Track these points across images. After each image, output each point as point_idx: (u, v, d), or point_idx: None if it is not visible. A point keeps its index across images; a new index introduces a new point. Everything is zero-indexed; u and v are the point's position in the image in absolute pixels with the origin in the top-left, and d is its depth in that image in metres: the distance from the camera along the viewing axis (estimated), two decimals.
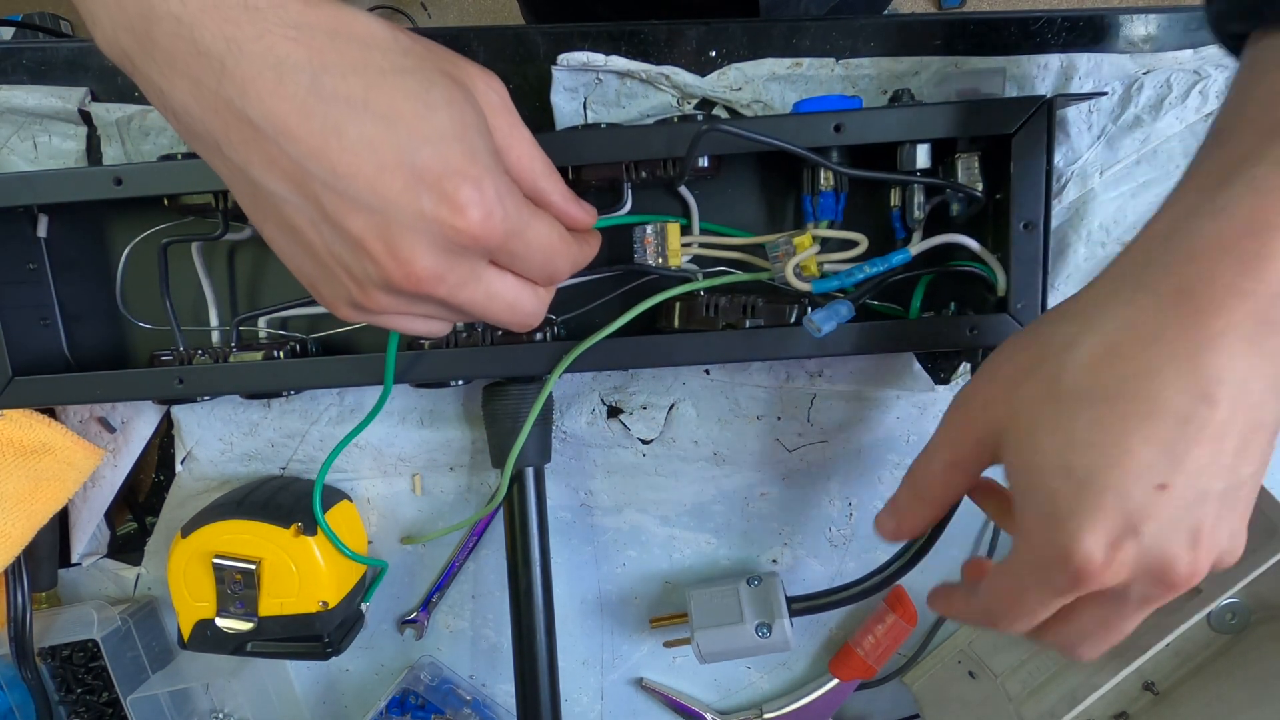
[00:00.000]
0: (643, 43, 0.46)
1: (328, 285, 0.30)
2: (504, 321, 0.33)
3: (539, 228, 0.31)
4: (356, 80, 0.26)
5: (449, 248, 0.28)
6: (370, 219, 0.27)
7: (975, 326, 0.41)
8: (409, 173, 0.26)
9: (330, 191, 0.27)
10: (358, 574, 0.52)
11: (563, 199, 0.35)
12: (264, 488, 0.50)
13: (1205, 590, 0.42)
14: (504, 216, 0.29)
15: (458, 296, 0.30)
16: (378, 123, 0.26)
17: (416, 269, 0.28)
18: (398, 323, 0.33)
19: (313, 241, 0.29)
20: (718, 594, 0.51)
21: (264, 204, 0.28)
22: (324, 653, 0.49)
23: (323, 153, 0.26)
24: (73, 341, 0.49)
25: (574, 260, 0.34)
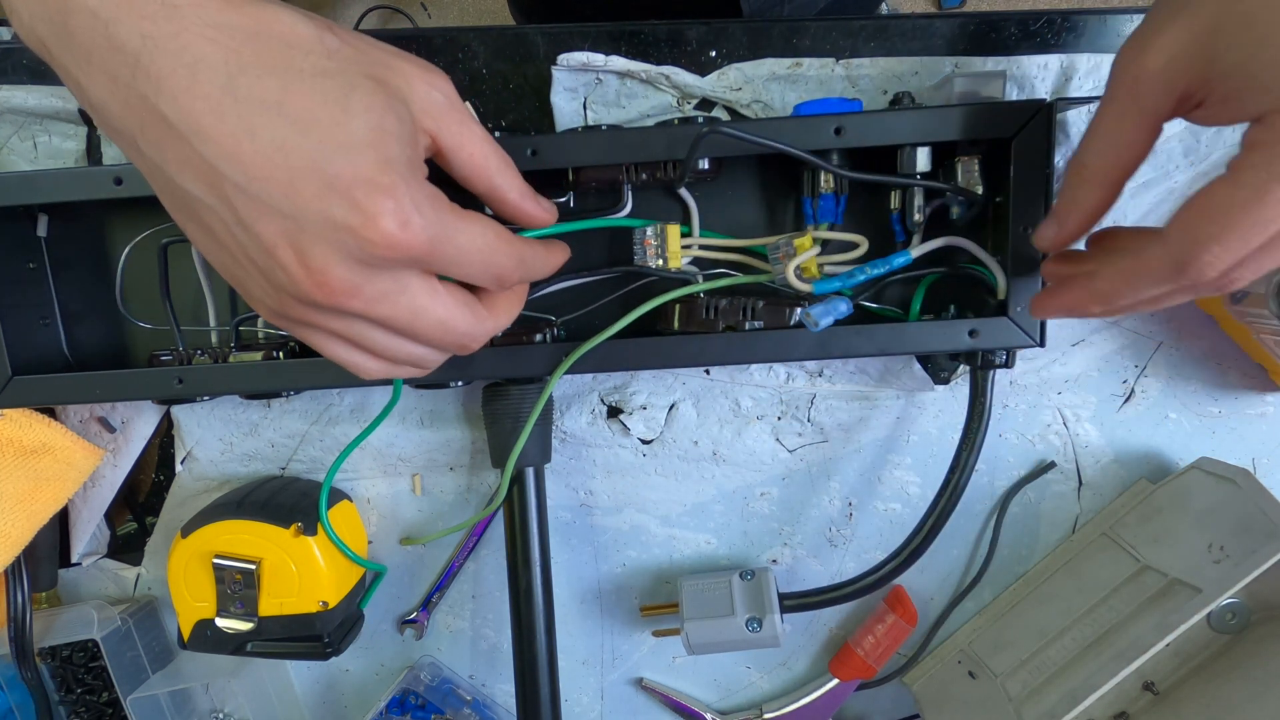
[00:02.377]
0: (643, 43, 0.46)
1: (248, 289, 0.30)
2: (437, 342, 0.32)
3: (469, 231, 0.30)
4: (273, 82, 0.26)
5: (363, 259, 0.27)
6: (282, 225, 0.26)
7: (975, 329, 0.41)
8: (321, 180, 0.26)
9: (242, 195, 0.26)
10: (358, 574, 0.52)
11: (519, 196, 0.34)
12: (264, 488, 0.50)
13: (1205, 590, 0.42)
14: (423, 225, 0.28)
15: (376, 311, 0.29)
16: (292, 127, 0.26)
17: (329, 279, 0.27)
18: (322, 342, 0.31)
19: (229, 245, 0.28)
20: (710, 586, 0.51)
21: (181, 203, 0.28)
22: (324, 653, 0.49)
23: (235, 155, 0.25)
24: (72, 341, 0.49)
25: (522, 260, 0.33)
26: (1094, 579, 0.49)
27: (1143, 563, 0.47)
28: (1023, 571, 0.53)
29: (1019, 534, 0.53)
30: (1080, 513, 0.52)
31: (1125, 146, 0.31)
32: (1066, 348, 0.50)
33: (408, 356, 0.33)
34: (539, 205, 0.35)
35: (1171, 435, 0.51)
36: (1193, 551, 0.45)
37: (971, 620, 0.54)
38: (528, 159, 0.40)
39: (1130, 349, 0.50)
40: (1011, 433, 0.51)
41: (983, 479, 0.52)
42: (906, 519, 0.53)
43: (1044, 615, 0.50)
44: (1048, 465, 0.52)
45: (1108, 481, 0.52)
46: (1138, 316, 0.49)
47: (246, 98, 0.25)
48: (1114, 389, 0.50)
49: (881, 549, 0.53)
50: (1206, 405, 0.51)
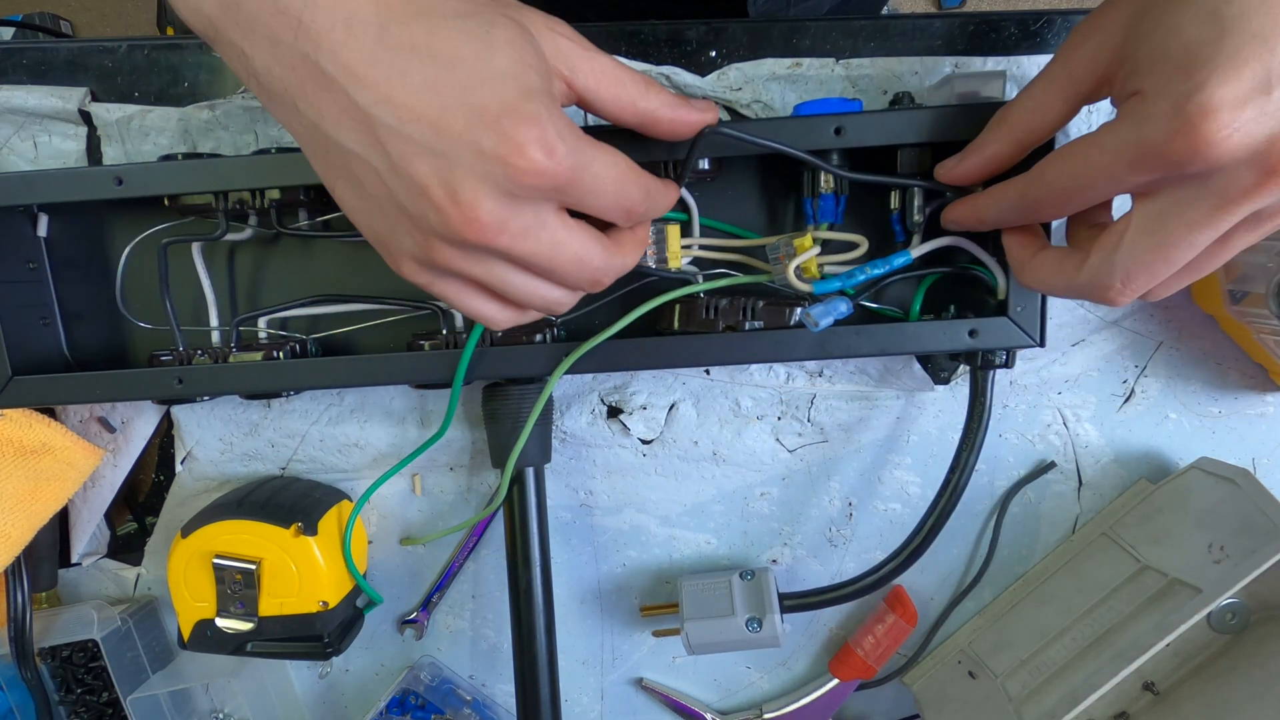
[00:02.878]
0: (643, 43, 0.46)
1: (394, 239, 0.30)
2: (573, 278, 0.32)
3: (604, 160, 0.31)
4: (419, 26, 0.27)
5: (511, 190, 0.28)
6: (433, 163, 0.27)
7: (975, 329, 0.41)
8: (469, 113, 0.27)
9: (395, 136, 0.27)
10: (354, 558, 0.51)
11: (670, 109, 0.34)
12: (264, 488, 0.50)
13: (1205, 590, 0.42)
14: (566, 152, 0.28)
15: (520, 247, 0.30)
16: (439, 66, 0.27)
17: (479, 213, 0.28)
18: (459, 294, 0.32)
19: (379, 194, 0.29)
20: (710, 586, 0.51)
21: (335, 160, 0.29)
22: (324, 653, 0.49)
23: (389, 98, 0.27)
24: (73, 341, 0.49)
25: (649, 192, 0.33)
26: (1094, 579, 0.49)
27: (1143, 563, 0.47)
28: (1023, 571, 0.53)
29: (1019, 534, 0.53)
30: (1080, 513, 0.52)
31: (1044, 110, 0.33)
32: (1066, 348, 0.50)
33: (542, 300, 0.33)
34: (694, 109, 0.35)
35: (1171, 435, 0.51)
36: (1193, 551, 0.45)
37: (971, 620, 0.54)
38: None
39: (1130, 349, 0.50)
40: (1011, 433, 0.51)
41: (983, 479, 0.52)
42: (906, 519, 0.53)
43: (1044, 615, 0.50)
44: (1048, 465, 0.52)
45: (1108, 481, 0.52)
46: (1138, 316, 0.49)
47: (397, 44, 0.27)
48: (1114, 389, 0.50)
49: (881, 549, 0.53)
50: (1206, 405, 0.51)
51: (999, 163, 0.36)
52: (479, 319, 0.34)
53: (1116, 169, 0.29)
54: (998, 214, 0.36)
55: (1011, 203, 0.35)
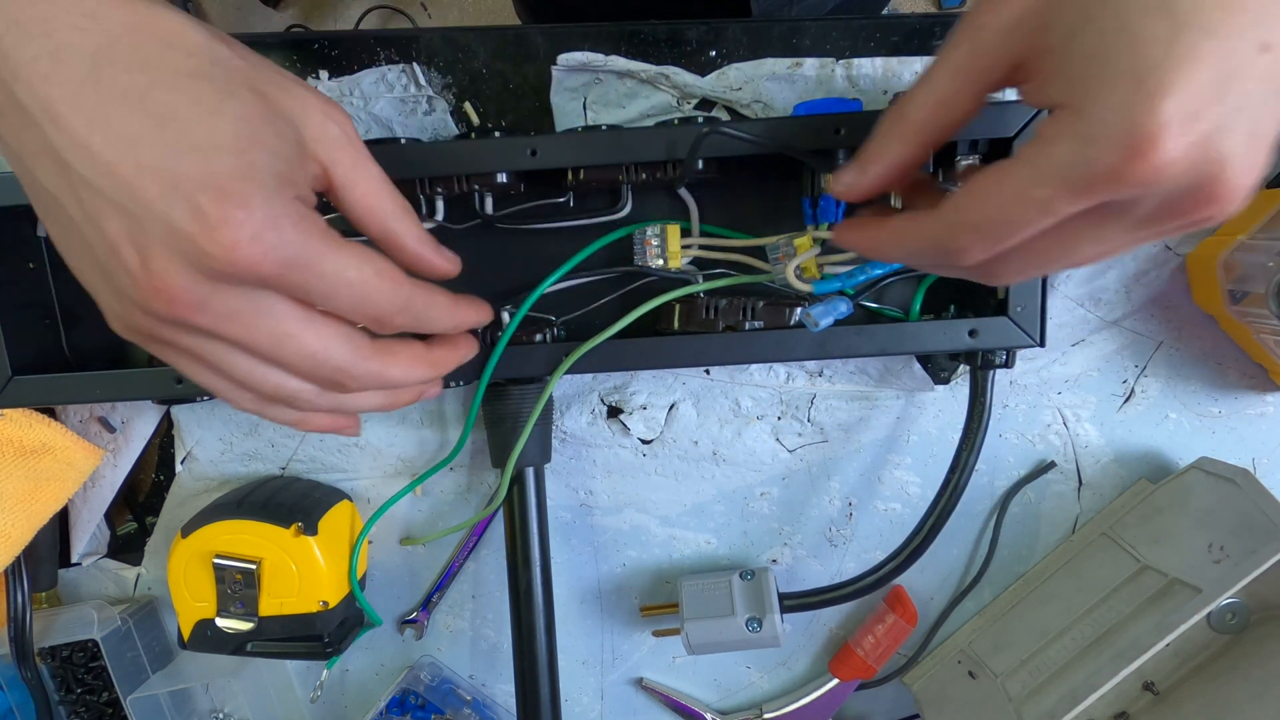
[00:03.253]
0: (643, 43, 0.46)
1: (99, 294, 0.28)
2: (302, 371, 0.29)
3: (341, 261, 0.27)
4: (141, 76, 0.24)
5: (207, 271, 0.25)
6: (125, 224, 0.25)
7: (975, 329, 0.41)
8: (166, 179, 0.24)
9: (87, 188, 0.25)
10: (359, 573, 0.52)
11: (417, 243, 0.32)
12: (264, 487, 0.50)
13: (1205, 590, 0.42)
14: (276, 244, 0.25)
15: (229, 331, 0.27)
16: (148, 120, 0.24)
17: (170, 287, 0.25)
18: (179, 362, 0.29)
19: (77, 244, 0.27)
20: (710, 586, 0.51)
21: (39, 197, 0.27)
22: (324, 652, 0.49)
23: (85, 145, 0.24)
24: (73, 341, 0.49)
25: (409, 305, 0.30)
26: (1094, 579, 0.49)
27: (1143, 563, 0.47)
28: (1023, 571, 0.53)
29: (1019, 534, 0.53)
30: (1080, 513, 0.52)
31: (951, 104, 0.28)
32: (1066, 348, 0.50)
33: (275, 389, 0.30)
34: (440, 255, 0.33)
35: (1171, 435, 0.51)
36: (1193, 551, 0.45)
37: (971, 620, 0.54)
38: (528, 159, 0.40)
39: (1130, 349, 0.50)
40: (1011, 433, 0.51)
41: (983, 479, 0.52)
42: (906, 519, 0.53)
43: (1044, 615, 0.50)
44: (1048, 465, 0.52)
45: (1108, 481, 0.52)
46: (1138, 316, 0.49)
47: (109, 88, 0.24)
48: (1114, 389, 0.50)
49: (881, 549, 0.53)
50: (1206, 405, 0.51)
51: (904, 170, 0.30)
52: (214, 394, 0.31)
53: (1057, 202, 0.24)
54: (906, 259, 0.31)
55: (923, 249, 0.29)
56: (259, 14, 1.62)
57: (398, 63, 0.47)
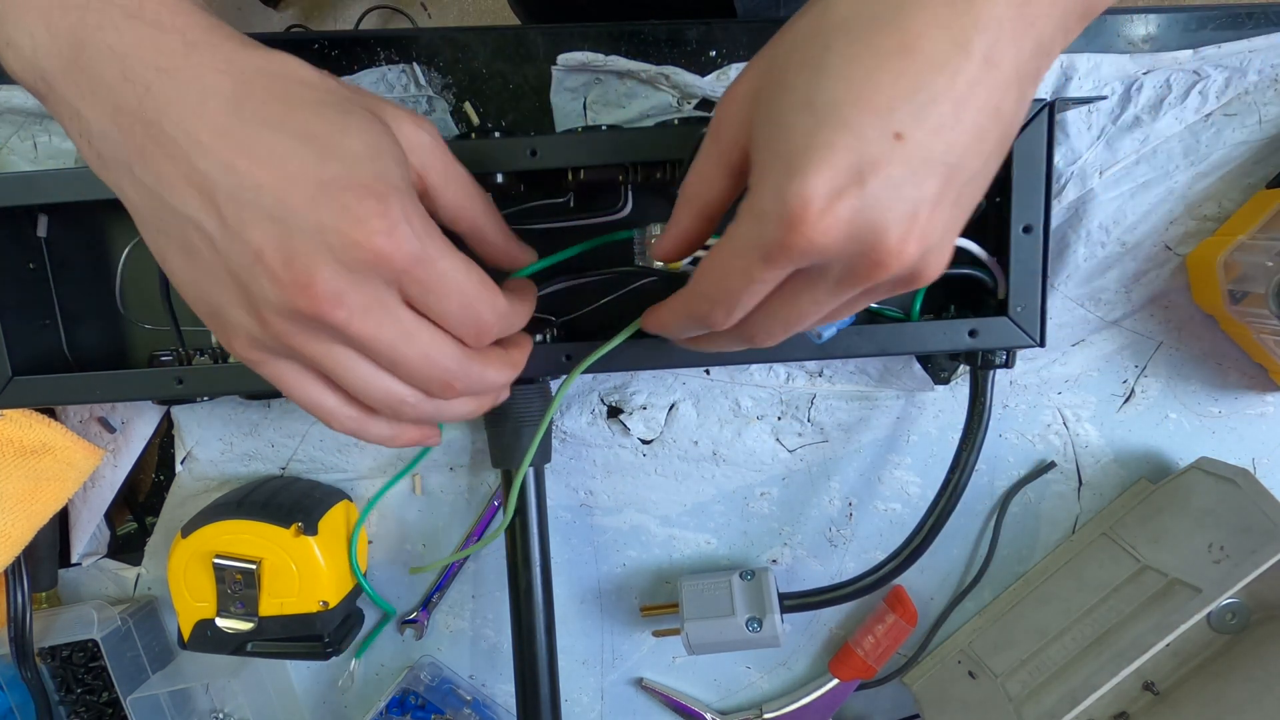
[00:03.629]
0: (643, 43, 0.46)
1: (227, 312, 0.29)
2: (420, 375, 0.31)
3: (456, 264, 0.30)
4: (277, 106, 0.27)
5: (350, 265, 0.27)
6: (271, 229, 0.27)
7: (975, 329, 0.41)
8: (314, 184, 0.27)
9: (233, 202, 0.27)
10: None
11: (503, 237, 0.35)
12: (264, 488, 0.50)
13: (1205, 590, 0.42)
14: (410, 236, 0.28)
15: (362, 326, 0.28)
16: (291, 140, 0.27)
17: (314, 282, 0.27)
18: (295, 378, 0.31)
19: (211, 263, 0.28)
20: (710, 586, 0.51)
21: (170, 226, 0.28)
22: (324, 653, 0.49)
23: (232, 165, 0.26)
24: (73, 341, 0.49)
25: (503, 314, 0.32)
26: (1094, 579, 0.49)
27: (1143, 563, 0.47)
28: (1023, 571, 0.53)
29: (1019, 534, 0.53)
30: (1080, 513, 0.52)
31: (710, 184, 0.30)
32: (1066, 348, 0.50)
33: (386, 395, 0.31)
34: (522, 249, 0.36)
35: (1171, 435, 0.51)
36: (1193, 551, 0.45)
37: (971, 620, 0.54)
38: (528, 159, 0.40)
39: (1130, 349, 0.50)
40: (1011, 433, 0.51)
41: (983, 479, 0.52)
42: (906, 519, 0.53)
43: (1044, 615, 0.50)
44: (1048, 465, 0.52)
45: (1108, 481, 0.52)
46: (1138, 316, 0.49)
47: (251, 117, 0.27)
48: (1114, 389, 0.50)
49: (881, 549, 0.53)
50: (1206, 405, 0.51)
51: (693, 239, 0.33)
52: (317, 413, 0.32)
53: (756, 270, 0.27)
54: (680, 331, 0.34)
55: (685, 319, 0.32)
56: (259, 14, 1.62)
57: (398, 63, 0.47)
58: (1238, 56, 0.44)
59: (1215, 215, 0.47)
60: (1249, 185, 0.47)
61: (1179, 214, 0.47)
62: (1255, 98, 0.45)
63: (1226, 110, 0.46)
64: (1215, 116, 0.46)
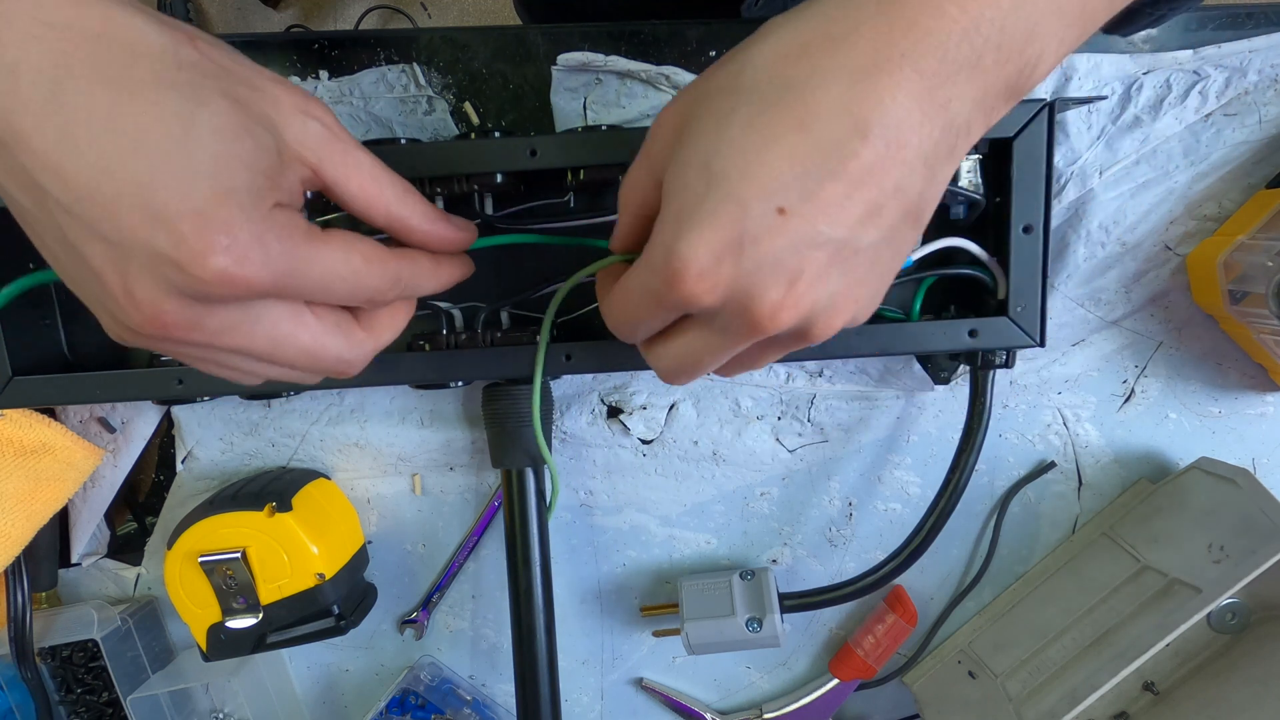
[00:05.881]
0: (643, 43, 0.46)
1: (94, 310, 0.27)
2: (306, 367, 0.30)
3: (329, 258, 0.28)
4: (104, 93, 0.23)
5: (195, 295, 0.25)
6: (107, 253, 0.24)
7: (975, 329, 0.41)
8: (146, 209, 0.23)
9: (66, 215, 0.24)
10: (352, 544, 0.51)
11: (427, 221, 0.32)
12: (232, 485, 0.50)
13: (1205, 590, 0.42)
14: (265, 261, 0.25)
15: (225, 342, 0.27)
16: (120, 145, 0.23)
17: (161, 314, 0.25)
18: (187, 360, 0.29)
19: (63, 262, 0.26)
20: (710, 586, 0.51)
21: (20, 215, 0.26)
22: (339, 627, 0.48)
23: (57, 170, 0.23)
24: (73, 341, 0.49)
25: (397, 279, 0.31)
26: (1094, 579, 0.49)
27: (1143, 563, 0.47)
28: (1023, 571, 0.53)
29: (1019, 534, 0.53)
30: (1080, 513, 0.52)
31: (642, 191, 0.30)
32: (1066, 348, 0.50)
33: (280, 377, 0.31)
34: (451, 227, 0.33)
35: (1171, 435, 0.51)
36: (1193, 551, 0.45)
37: (971, 620, 0.54)
38: (528, 159, 0.40)
39: (1130, 349, 0.50)
40: (1011, 433, 0.51)
41: (983, 479, 0.52)
42: (906, 519, 0.53)
43: (1044, 615, 0.50)
44: (1048, 465, 0.52)
45: (1108, 481, 0.52)
46: (1138, 316, 0.49)
47: (73, 108, 0.23)
48: (1114, 389, 0.50)
49: (881, 549, 0.53)
50: (1206, 405, 0.51)
51: (637, 237, 0.32)
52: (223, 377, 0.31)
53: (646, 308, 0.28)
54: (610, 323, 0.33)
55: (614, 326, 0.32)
56: (259, 14, 1.62)
57: (398, 63, 0.47)
58: (1238, 56, 0.44)
59: (1215, 215, 0.47)
60: (1249, 185, 0.47)
61: (1179, 214, 0.47)
62: (1255, 98, 0.45)
63: (1226, 110, 0.46)
64: (1215, 116, 0.46)
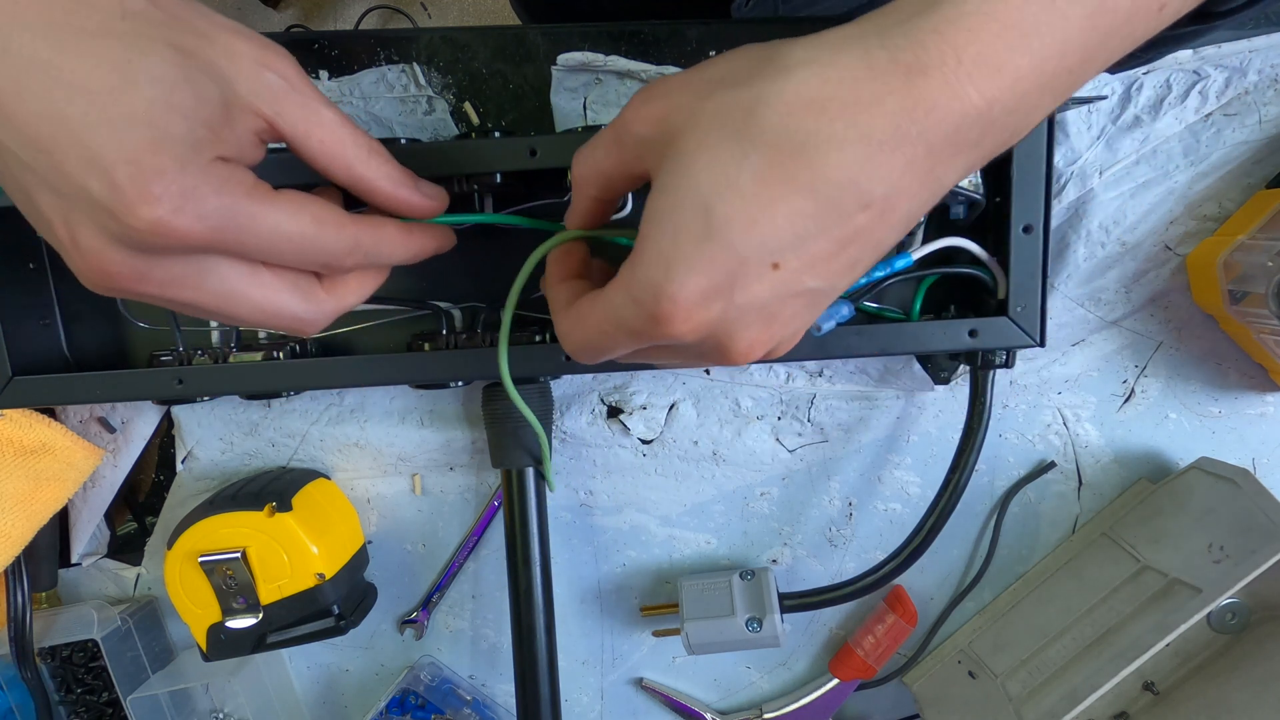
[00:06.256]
0: (643, 43, 0.46)
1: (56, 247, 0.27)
2: (261, 325, 0.30)
3: (275, 217, 0.27)
4: (47, 41, 0.23)
5: (135, 245, 0.25)
6: (55, 201, 0.25)
7: (975, 329, 0.41)
8: (83, 154, 0.23)
9: (17, 160, 0.24)
10: (352, 544, 0.51)
11: (390, 183, 0.31)
12: (233, 485, 0.50)
13: (1205, 590, 0.42)
14: (200, 214, 0.25)
15: (175, 295, 0.27)
16: (62, 91, 0.23)
17: (105, 264, 0.25)
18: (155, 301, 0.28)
19: (30, 214, 0.26)
20: (710, 586, 0.51)
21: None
22: (339, 627, 0.48)
23: (11, 118, 0.23)
24: (73, 341, 0.49)
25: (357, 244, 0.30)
26: (1094, 579, 0.49)
27: (1143, 563, 0.47)
28: (1023, 571, 0.53)
29: (1019, 534, 0.53)
30: (1080, 513, 0.52)
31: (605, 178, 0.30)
32: (1066, 348, 0.50)
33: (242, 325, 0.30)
34: (418, 192, 0.32)
35: (1171, 435, 0.51)
36: (1193, 551, 0.45)
37: (971, 620, 0.54)
38: (528, 159, 0.40)
39: (1130, 349, 0.50)
40: (1011, 433, 0.51)
41: (983, 479, 0.52)
42: (906, 519, 0.53)
43: (1044, 615, 0.50)
44: (1048, 465, 0.52)
45: (1108, 481, 0.52)
46: (1138, 316, 0.49)
47: (19, 57, 0.23)
48: (1114, 389, 0.50)
49: (881, 549, 0.53)
50: (1206, 405, 0.51)
51: (589, 218, 0.32)
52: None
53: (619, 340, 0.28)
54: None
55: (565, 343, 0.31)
56: (259, 14, 1.62)
57: (398, 63, 0.47)
58: (1238, 56, 0.44)
59: (1215, 215, 0.47)
60: (1249, 185, 0.47)
61: (1179, 214, 0.47)
62: (1255, 98, 0.45)
63: (1226, 110, 0.46)
64: (1215, 116, 0.46)
